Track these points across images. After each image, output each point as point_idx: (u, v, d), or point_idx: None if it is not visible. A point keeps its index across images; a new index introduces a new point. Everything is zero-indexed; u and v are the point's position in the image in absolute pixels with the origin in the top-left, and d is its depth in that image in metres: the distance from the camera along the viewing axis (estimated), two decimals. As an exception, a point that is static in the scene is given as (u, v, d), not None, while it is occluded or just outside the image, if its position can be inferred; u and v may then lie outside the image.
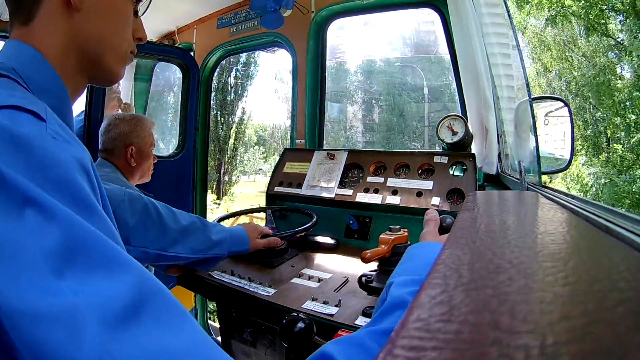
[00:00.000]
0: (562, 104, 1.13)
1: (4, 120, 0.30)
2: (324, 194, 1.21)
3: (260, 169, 14.62)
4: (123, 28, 0.49)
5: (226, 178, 10.61)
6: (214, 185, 10.20)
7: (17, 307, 0.26)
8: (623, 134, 7.20)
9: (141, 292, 0.29)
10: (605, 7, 7.36)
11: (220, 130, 10.28)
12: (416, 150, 1.22)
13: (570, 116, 1.08)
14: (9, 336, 0.26)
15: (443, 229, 0.61)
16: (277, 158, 1.45)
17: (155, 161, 1.36)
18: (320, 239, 1.12)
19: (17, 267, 0.27)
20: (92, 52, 0.46)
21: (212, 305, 2.44)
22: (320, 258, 1.04)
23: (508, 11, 0.89)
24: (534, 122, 0.75)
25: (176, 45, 1.95)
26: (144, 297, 0.29)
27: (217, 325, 1.88)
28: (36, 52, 0.43)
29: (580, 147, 7.62)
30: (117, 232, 0.34)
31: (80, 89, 0.49)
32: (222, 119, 10.33)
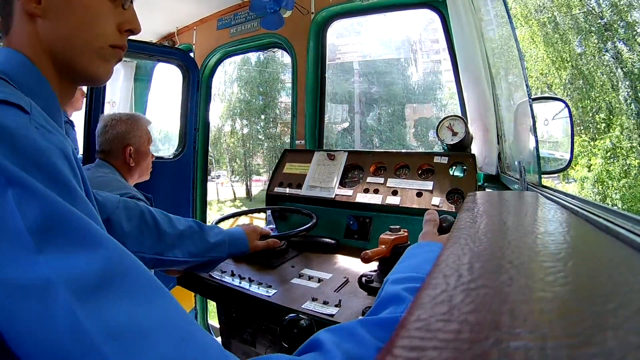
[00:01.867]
0: (562, 104, 1.13)
1: None
2: (324, 195, 1.21)
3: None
4: (92, 24, 0.47)
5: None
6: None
7: None
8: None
9: (115, 267, 0.30)
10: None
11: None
12: (416, 151, 1.22)
13: (570, 116, 1.08)
14: None
15: (443, 229, 0.61)
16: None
17: (153, 159, 1.36)
18: (320, 239, 1.12)
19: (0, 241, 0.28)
20: (62, 54, 0.46)
21: (212, 307, 2.44)
22: (320, 258, 1.04)
23: (508, 11, 0.89)
24: (534, 122, 0.75)
25: (176, 46, 1.95)
26: (118, 272, 0.30)
27: (217, 325, 1.88)
28: (24, 57, 0.44)
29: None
30: (97, 214, 0.36)
31: (68, 92, 0.50)
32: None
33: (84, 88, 1.80)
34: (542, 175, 0.76)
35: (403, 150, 1.23)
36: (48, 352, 0.27)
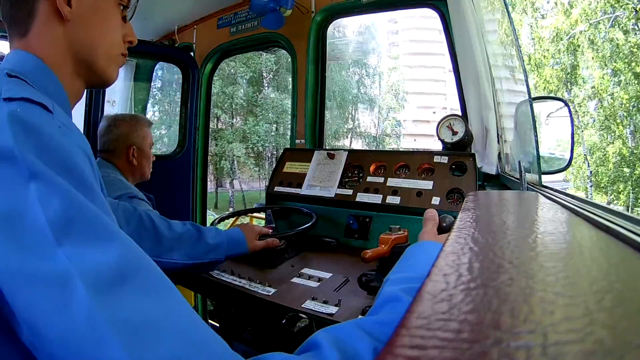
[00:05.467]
0: (562, 104, 1.13)
1: (17, 109, 0.35)
2: (324, 194, 1.21)
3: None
4: (113, 33, 0.53)
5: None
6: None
7: (16, 270, 0.29)
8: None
9: (130, 263, 0.31)
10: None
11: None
12: (416, 150, 1.22)
13: (571, 116, 1.09)
14: (6, 300, 0.29)
15: (443, 229, 0.61)
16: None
17: (154, 159, 1.36)
18: (320, 238, 1.12)
19: (21, 233, 0.30)
20: (86, 57, 0.50)
21: (212, 306, 2.44)
22: (320, 258, 1.04)
23: (508, 11, 0.89)
24: (534, 122, 0.75)
25: (176, 45, 1.95)
26: (132, 268, 0.31)
27: (217, 324, 1.88)
28: (39, 60, 0.46)
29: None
30: (112, 212, 0.37)
31: (78, 93, 0.53)
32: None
33: None
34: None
35: (403, 150, 1.23)
36: (64, 342, 0.28)
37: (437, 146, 1.22)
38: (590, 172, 9.20)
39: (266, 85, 14.30)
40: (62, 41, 0.48)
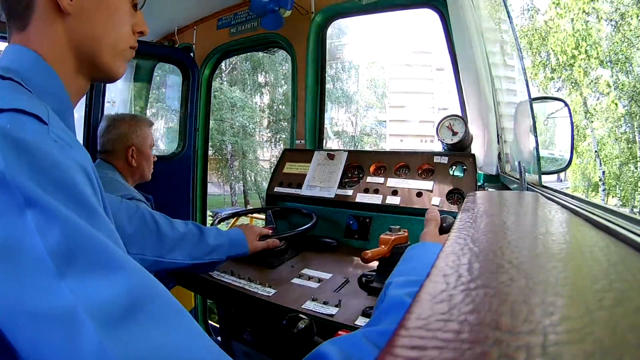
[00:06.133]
0: (562, 104, 1.13)
1: (6, 124, 0.31)
2: (324, 195, 1.21)
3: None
4: (119, 25, 0.48)
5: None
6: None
7: (16, 307, 0.26)
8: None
9: (139, 293, 0.29)
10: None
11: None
12: (416, 151, 1.22)
13: (570, 116, 1.09)
14: (5, 337, 0.27)
15: (443, 229, 0.61)
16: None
17: (155, 160, 1.36)
18: (320, 239, 1.12)
19: (18, 266, 0.27)
20: (89, 52, 0.46)
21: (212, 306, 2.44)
22: (320, 258, 1.04)
23: (508, 11, 0.89)
24: (534, 122, 0.75)
25: (176, 45, 1.95)
26: (142, 298, 0.29)
27: (217, 325, 1.88)
28: (37, 55, 0.43)
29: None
30: (117, 234, 0.34)
31: (82, 90, 0.49)
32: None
33: None
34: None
35: (403, 150, 1.23)
36: None
37: (426, 147, 1.22)
38: (603, 172, 7.57)
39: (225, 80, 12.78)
40: (63, 36, 0.44)
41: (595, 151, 7.72)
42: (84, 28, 0.45)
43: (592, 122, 7.72)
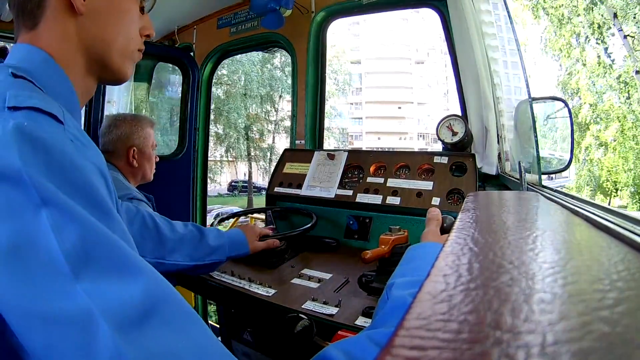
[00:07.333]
0: (562, 104, 1.13)
1: (24, 121, 0.31)
2: (324, 195, 1.21)
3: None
4: (128, 27, 0.49)
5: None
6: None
7: (29, 309, 0.26)
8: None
9: (153, 296, 0.29)
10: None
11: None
12: (416, 151, 1.22)
13: (570, 116, 1.09)
14: (16, 339, 0.27)
15: (444, 229, 0.61)
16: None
17: (157, 160, 1.35)
18: (320, 239, 1.12)
19: (31, 267, 0.26)
20: (99, 53, 0.46)
21: (212, 306, 2.44)
22: (320, 258, 1.04)
23: (508, 11, 0.89)
24: (534, 122, 0.75)
25: (176, 45, 1.95)
26: (157, 301, 0.29)
27: (217, 325, 1.88)
28: (47, 55, 0.43)
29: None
30: (130, 236, 0.34)
31: (90, 91, 0.49)
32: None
33: None
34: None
35: (403, 150, 1.23)
36: None
37: (404, 144, 1.23)
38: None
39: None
40: (73, 36, 0.44)
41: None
42: (96, 29, 0.45)
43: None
